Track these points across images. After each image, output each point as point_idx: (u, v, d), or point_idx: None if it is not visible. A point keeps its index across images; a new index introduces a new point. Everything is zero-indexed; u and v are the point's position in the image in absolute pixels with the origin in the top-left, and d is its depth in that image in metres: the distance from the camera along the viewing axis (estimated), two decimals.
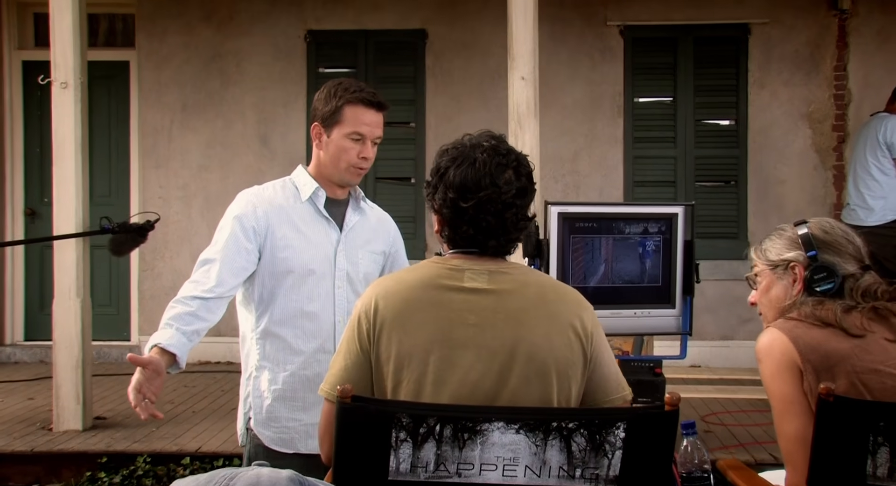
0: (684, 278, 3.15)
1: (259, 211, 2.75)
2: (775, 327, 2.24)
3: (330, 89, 2.76)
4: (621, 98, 7.56)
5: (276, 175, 8.17)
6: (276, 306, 2.75)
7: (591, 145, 7.57)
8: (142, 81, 7.79)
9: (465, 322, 1.93)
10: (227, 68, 7.74)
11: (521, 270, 2.03)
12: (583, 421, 1.82)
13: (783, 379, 2.18)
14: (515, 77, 5.35)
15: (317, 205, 2.81)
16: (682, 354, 3.34)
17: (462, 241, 2.01)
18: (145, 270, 7.77)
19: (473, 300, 1.95)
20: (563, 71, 7.53)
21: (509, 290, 1.97)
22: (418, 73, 7.68)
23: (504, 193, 1.95)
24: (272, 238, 2.74)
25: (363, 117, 2.74)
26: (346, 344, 2.01)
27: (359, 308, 2.01)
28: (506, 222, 1.98)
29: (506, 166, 1.98)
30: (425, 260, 2.06)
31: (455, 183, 1.97)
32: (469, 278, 1.97)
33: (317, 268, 2.76)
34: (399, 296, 1.97)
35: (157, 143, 7.77)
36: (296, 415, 2.75)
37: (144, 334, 7.76)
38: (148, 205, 7.74)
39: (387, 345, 1.95)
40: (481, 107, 7.58)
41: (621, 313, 3.13)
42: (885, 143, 6.46)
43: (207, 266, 2.69)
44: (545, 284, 2.02)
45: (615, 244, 3.12)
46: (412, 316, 1.95)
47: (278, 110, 7.71)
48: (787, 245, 2.38)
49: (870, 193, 6.53)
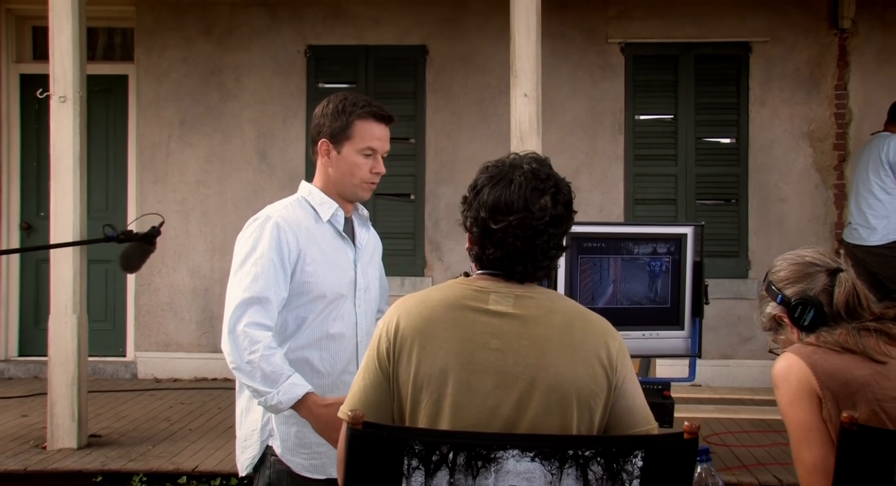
0: (693, 299, 3.11)
1: (290, 236, 2.64)
2: (793, 353, 2.18)
3: (337, 104, 2.70)
4: (622, 115, 7.54)
5: (274, 190, 8.11)
6: (304, 332, 2.67)
7: (591, 162, 7.55)
8: (140, 94, 7.75)
9: (487, 346, 1.89)
10: (226, 83, 7.71)
11: (548, 295, 1.99)
12: (600, 449, 1.77)
13: (801, 406, 2.12)
14: (518, 94, 5.33)
15: (336, 226, 2.75)
16: (691, 376, 3.29)
17: (489, 262, 1.97)
18: (142, 285, 7.71)
19: (497, 324, 1.91)
20: (564, 88, 7.51)
21: (535, 316, 1.93)
22: (418, 88, 7.65)
23: (537, 219, 1.90)
24: (303, 263, 2.65)
25: (374, 132, 2.70)
26: (366, 363, 1.98)
27: (380, 327, 1.98)
28: (535, 249, 1.93)
29: (543, 192, 1.93)
30: (452, 280, 2.02)
31: (488, 203, 1.93)
32: (494, 300, 1.93)
33: (345, 290, 2.71)
34: (422, 315, 1.93)
35: (155, 157, 7.73)
36: (324, 440, 2.67)
37: (140, 350, 7.70)
38: (146, 218, 7.67)
39: (406, 365, 1.91)
40: (481, 123, 7.56)
41: (630, 335, 3.09)
42: (887, 162, 6.43)
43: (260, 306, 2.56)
44: (572, 311, 1.97)
45: (623, 265, 3.08)
46: (434, 336, 1.91)
47: (277, 125, 7.68)
48: (764, 304, 2.39)
49: (872, 213, 6.50)
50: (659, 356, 3.53)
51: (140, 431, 5.86)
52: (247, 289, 2.58)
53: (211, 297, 7.56)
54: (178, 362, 7.63)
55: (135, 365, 7.71)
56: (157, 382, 7.52)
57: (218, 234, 7.62)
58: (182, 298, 7.69)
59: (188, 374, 7.60)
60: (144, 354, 7.69)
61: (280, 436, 2.66)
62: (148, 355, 7.68)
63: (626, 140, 7.54)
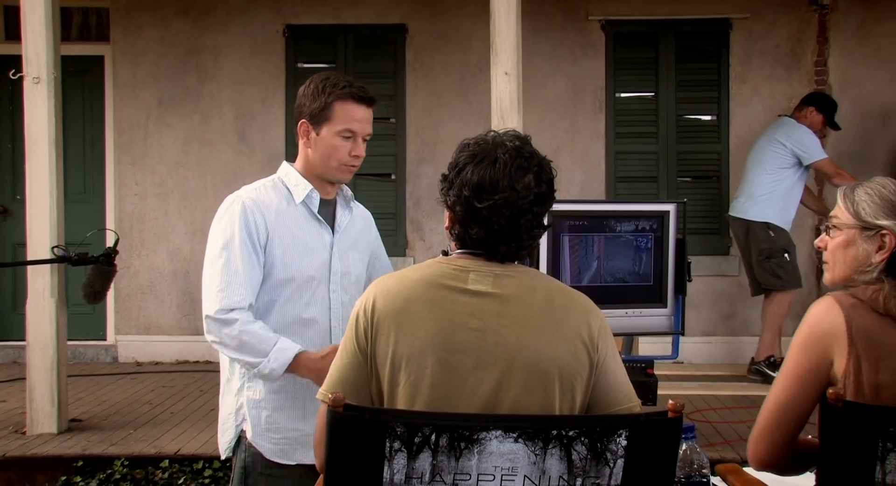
0: (676, 276, 3.10)
1: (258, 218, 2.63)
2: (836, 300, 2.09)
3: (317, 84, 2.66)
4: (603, 93, 7.51)
5: (254, 171, 8.04)
6: (272, 315, 2.65)
7: (573, 141, 7.52)
8: (117, 76, 7.66)
9: (466, 326, 1.88)
10: (205, 63, 7.62)
11: (528, 274, 1.97)
12: (583, 429, 1.76)
13: (811, 351, 2.08)
14: (498, 72, 5.29)
15: (311, 207, 2.72)
16: (675, 354, 3.30)
17: (471, 242, 1.95)
18: (122, 268, 7.59)
19: (477, 304, 1.89)
20: (545, 66, 7.47)
21: (515, 295, 1.91)
22: (398, 68, 7.59)
23: (522, 198, 1.89)
24: (272, 246, 2.63)
25: (354, 114, 2.66)
26: (344, 343, 1.97)
27: (357, 307, 1.96)
28: (519, 228, 1.91)
29: (527, 170, 1.91)
30: (431, 259, 2.00)
31: (472, 182, 1.90)
32: (474, 280, 1.91)
33: (316, 273, 2.68)
34: (400, 294, 1.92)
35: (133, 139, 7.64)
36: (296, 425, 2.66)
37: (121, 333, 7.64)
38: (124, 202, 7.62)
39: (384, 345, 1.89)
40: (462, 101, 7.51)
41: (613, 313, 3.08)
42: (786, 146, 6.42)
43: (233, 290, 2.56)
44: (553, 289, 1.96)
45: (607, 243, 3.07)
46: (411, 316, 1.89)
47: (256, 106, 7.61)
48: (887, 209, 2.14)
49: (756, 189, 6.52)
50: (642, 334, 3.53)
51: (121, 415, 5.81)
52: (220, 273, 2.58)
53: (191, 279, 7.50)
54: (160, 346, 7.58)
55: (115, 349, 7.66)
56: (138, 365, 7.47)
57: (198, 216, 7.55)
58: (162, 280, 7.63)
59: (170, 357, 7.56)
60: (125, 337, 7.63)
61: (251, 420, 2.66)
62: (129, 339, 7.63)
63: (608, 118, 7.52)
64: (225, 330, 2.55)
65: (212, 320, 2.57)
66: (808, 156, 6.41)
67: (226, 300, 2.56)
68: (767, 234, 6.44)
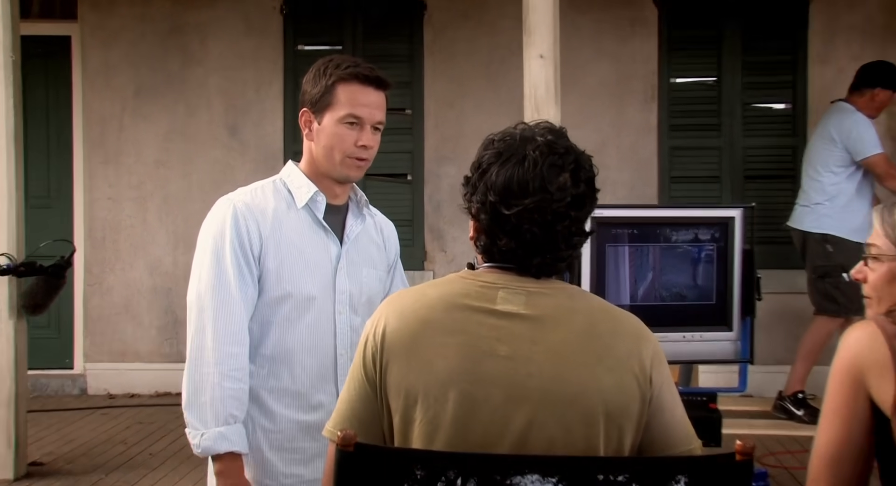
0: (743, 294, 3.10)
1: (251, 225, 2.62)
2: (879, 327, 2.11)
3: (319, 67, 2.67)
4: (655, 78, 7.51)
5: (247, 171, 8.06)
6: (268, 341, 2.64)
7: (619, 135, 7.52)
8: (87, 60, 7.73)
9: (494, 353, 1.88)
10: (190, 45, 7.69)
11: (567, 292, 1.97)
12: (635, 473, 1.76)
13: (855, 383, 2.10)
14: (532, 55, 5.30)
15: (315, 213, 2.71)
16: (742, 385, 3.29)
17: (500, 255, 1.95)
18: (92, 284, 7.70)
19: (506, 327, 1.89)
20: (586, 47, 7.48)
21: (551, 316, 1.91)
22: (415, 51, 7.62)
23: (557, 200, 1.88)
24: (266, 257, 2.63)
25: (360, 97, 2.65)
26: (353, 372, 1.98)
27: (367, 329, 1.97)
28: (555, 236, 1.90)
29: (562, 168, 1.90)
30: (453, 273, 2.00)
31: (497, 184, 1.90)
32: (503, 298, 1.91)
33: (317, 292, 2.66)
34: (415, 316, 1.92)
35: (106, 133, 7.71)
36: (293, 469, 2.65)
37: (91, 361, 7.70)
38: (95, 207, 7.69)
39: (397, 375, 1.90)
40: (490, 90, 7.53)
41: (668, 337, 3.08)
42: (839, 140, 6.30)
43: (228, 311, 2.56)
44: (597, 310, 1.96)
45: (661, 254, 3.07)
46: (429, 341, 1.89)
47: (250, 95, 7.66)
48: None
49: (814, 195, 6.44)
50: (703, 362, 3.53)
51: (90, 456, 5.85)
52: (208, 291, 2.58)
53: (174, 297, 7.55)
54: (136, 375, 7.63)
55: (84, 379, 7.71)
56: (110, 398, 7.52)
57: (181, 223, 7.61)
58: (140, 299, 7.69)
59: (148, 388, 7.60)
60: (96, 365, 7.69)
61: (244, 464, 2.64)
62: (100, 367, 7.68)
63: (661, 108, 7.52)
64: (206, 364, 2.53)
65: (199, 346, 2.57)
66: (859, 150, 6.24)
67: (217, 326, 2.56)
68: (824, 248, 6.33)
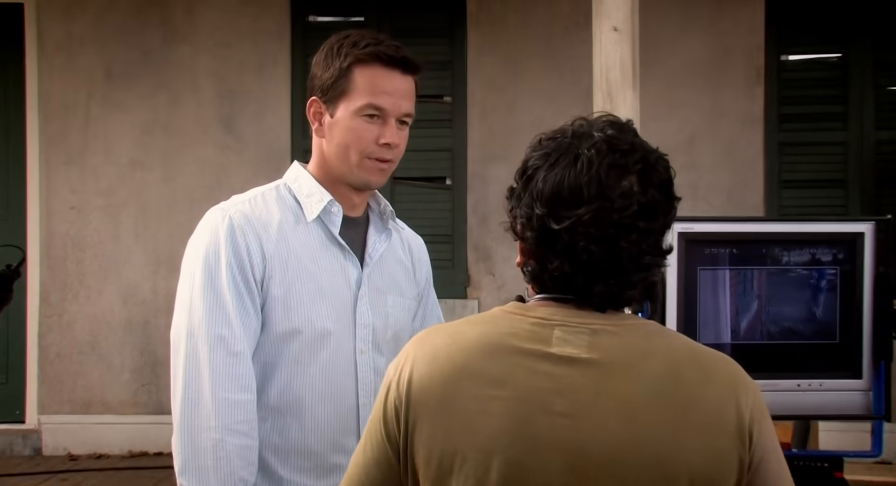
0: (876, 331, 3.07)
1: (253, 243, 2.63)
2: None
3: (332, 46, 2.67)
4: (761, 56, 7.51)
5: (246, 174, 8.13)
6: (273, 387, 2.65)
7: (714, 127, 7.52)
8: (43, 34, 7.80)
9: (549, 409, 1.87)
10: (172, 16, 7.75)
11: (642, 330, 1.95)
12: None
13: None
14: (604, 28, 5.32)
15: (329, 228, 2.72)
16: (877, 449, 3.26)
17: (553, 282, 1.94)
18: (49, 316, 7.76)
19: (564, 376, 1.88)
20: (672, 18, 7.49)
21: (621, 361, 1.89)
22: (456, 23, 7.66)
23: (619, 209, 1.86)
24: (271, 283, 2.63)
25: (382, 83, 2.64)
26: (370, 428, 1.98)
27: (389, 375, 1.97)
28: (620, 256, 1.88)
29: (625, 170, 1.89)
30: (498, 307, 1.99)
31: (545, 193, 1.90)
32: (560, 339, 1.90)
33: (333, 325, 2.67)
34: (450, 360, 1.91)
35: (69, 127, 7.78)
36: None
37: (47, 412, 7.74)
38: (55, 218, 7.75)
39: (426, 436, 1.90)
40: (550, 71, 7.54)
41: (778, 385, 3.08)
42: None
43: (228, 348, 2.56)
44: (679, 352, 1.94)
45: (767, 281, 3.06)
46: (468, 394, 1.89)
47: (249, 79, 7.70)
48: None
49: None
50: (824, 417, 3.50)
51: None
52: (201, 324, 2.58)
53: (154, 332, 7.59)
54: (105, 430, 7.67)
55: (38, 435, 7.76)
56: (72, 460, 7.56)
57: (163, 239, 7.66)
58: (111, 334, 7.73)
59: (119, 447, 7.64)
60: (53, 418, 7.74)
61: None
62: (58, 421, 7.73)
63: (768, 93, 7.52)
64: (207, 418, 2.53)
65: (196, 393, 2.57)
66: None
67: (218, 370, 2.55)
68: None
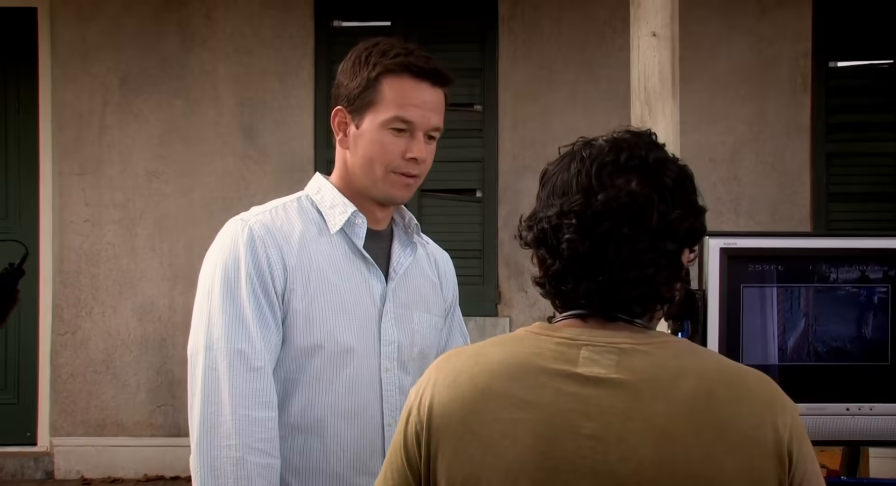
0: None
1: (274, 255, 2.65)
2: None
3: (360, 55, 2.70)
4: (808, 63, 7.49)
5: (267, 186, 8.15)
6: (293, 405, 2.67)
7: (758, 137, 7.49)
8: (57, 39, 7.84)
9: (577, 432, 1.87)
10: (191, 21, 7.77)
11: (673, 348, 1.95)
12: None
13: None
14: (642, 33, 5.32)
15: (353, 240, 2.74)
16: None
17: (565, 300, 1.97)
18: (62, 333, 7.77)
19: (592, 397, 1.88)
20: (714, 23, 7.48)
21: (652, 382, 1.89)
22: (487, 29, 7.67)
23: (602, 202, 1.89)
24: (292, 297, 2.66)
25: (411, 95, 2.67)
26: (391, 454, 2.00)
27: (410, 399, 1.98)
28: (604, 251, 1.89)
29: (621, 168, 1.92)
30: (522, 329, 1.98)
31: (542, 199, 1.97)
32: (587, 359, 1.91)
33: (356, 342, 2.69)
34: (472, 384, 1.92)
35: (83, 136, 7.80)
36: None
37: (60, 434, 7.75)
38: (68, 231, 7.77)
39: (449, 461, 1.91)
40: (585, 79, 7.54)
41: (825, 409, 3.04)
42: None
43: (249, 364, 2.58)
44: (712, 372, 1.93)
45: (815, 299, 3.04)
46: (491, 417, 1.89)
47: (271, 87, 7.71)
48: None
49: None
50: (874, 444, 3.47)
51: None
52: (221, 338, 2.59)
53: (170, 350, 7.60)
54: (120, 453, 7.68)
55: (50, 458, 7.77)
56: (85, 484, 7.57)
57: (181, 253, 7.67)
58: (126, 352, 7.74)
59: (134, 470, 7.65)
60: (65, 441, 7.75)
61: None
62: (71, 443, 7.74)
63: (815, 101, 7.50)
64: (226, 437, 2.55)
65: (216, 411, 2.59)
66: None
67: (239, 388, 2.57)
68: None
